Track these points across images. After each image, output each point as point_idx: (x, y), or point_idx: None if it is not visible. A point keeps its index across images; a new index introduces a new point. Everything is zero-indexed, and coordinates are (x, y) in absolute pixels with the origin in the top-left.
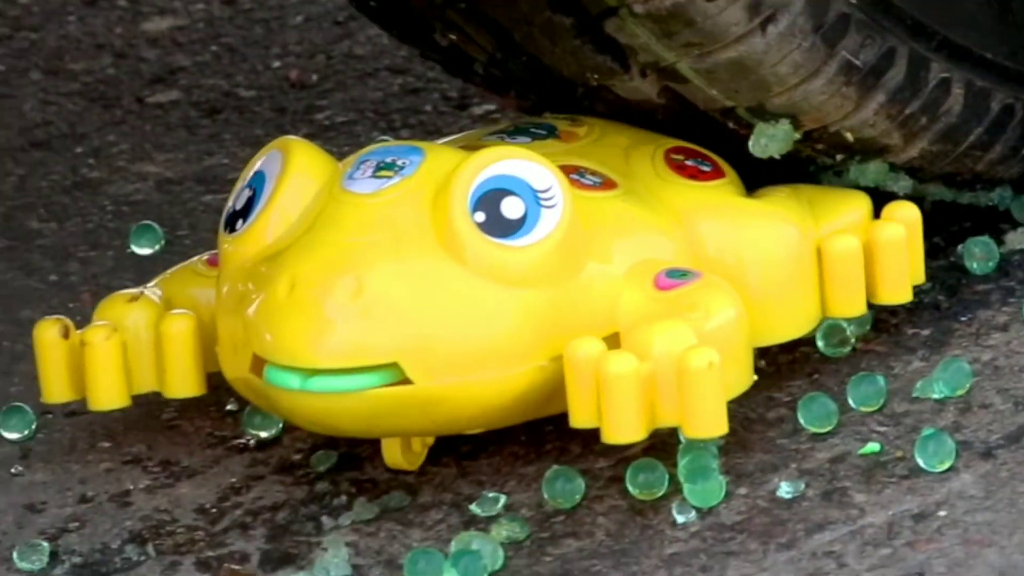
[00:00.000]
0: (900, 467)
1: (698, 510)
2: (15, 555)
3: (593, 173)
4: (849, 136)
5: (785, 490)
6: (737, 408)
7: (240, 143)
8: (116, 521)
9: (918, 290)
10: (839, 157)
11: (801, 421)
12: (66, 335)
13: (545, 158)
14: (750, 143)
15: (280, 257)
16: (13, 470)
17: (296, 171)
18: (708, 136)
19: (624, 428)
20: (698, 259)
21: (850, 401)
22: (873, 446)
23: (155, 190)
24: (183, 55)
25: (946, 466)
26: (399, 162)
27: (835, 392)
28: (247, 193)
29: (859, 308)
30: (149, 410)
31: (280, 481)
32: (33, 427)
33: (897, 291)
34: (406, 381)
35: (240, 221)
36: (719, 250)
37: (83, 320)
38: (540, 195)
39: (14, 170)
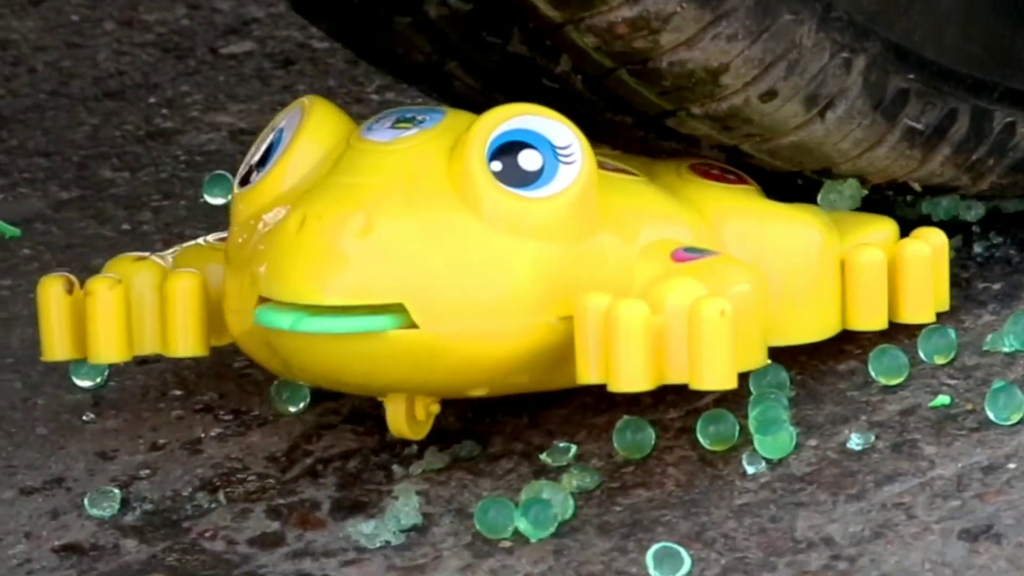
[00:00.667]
0: (970, 420)
1: (768, 461)
2: (86, 502)
3: (615, 165)
4: (916, 186)
5: (855, 442)
6: (808, 360)
7: (313, 94)
8: (187, 469)
9: (989, 244)
10: (909, 198)
11: (872, 373)
12: (70, 291)
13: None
14: (819, 197)
15: (294, 200)
16: (85, 417)
17: (313, 125)
18: (776, 185)
19: (632, 377)
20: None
21: (921, 354)
22: (943, 399)
23: (228, 140)
24: (257, 6)
25: (1016, 419)
26: (419, 117)
27: (906, 345)
28: (264, 149)
29: (880, 322)
30: (220, 359)
31: (351, 430)
32: (105, 375)
33: (920, 310)
34: (409, 328)
35: (255, 174)
36: (742, 248)
37: None
38: (559, 151)
39: (88, 120)
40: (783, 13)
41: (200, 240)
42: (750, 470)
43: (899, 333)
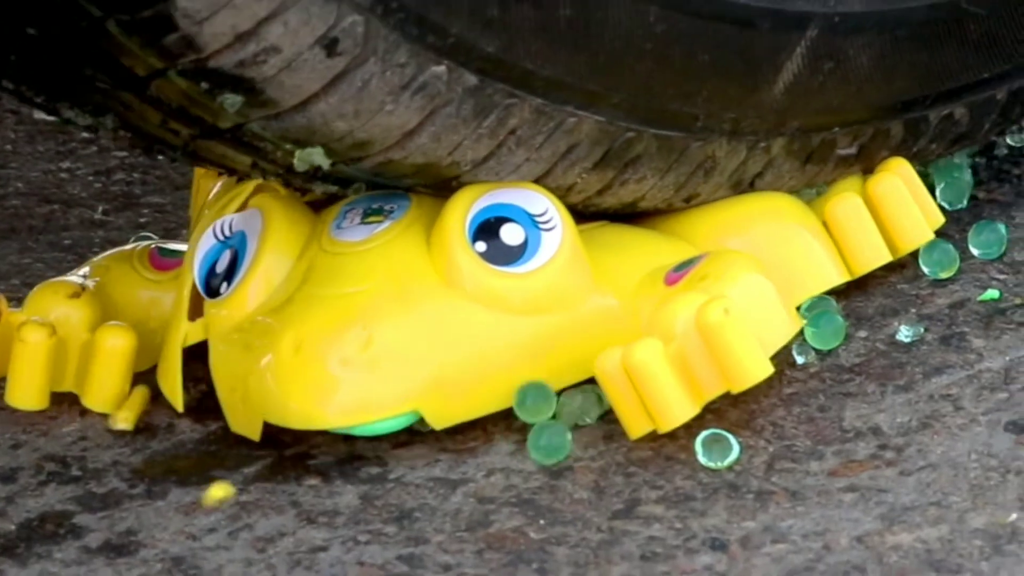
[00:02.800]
0: (1018, 314)
1: (817, 351)
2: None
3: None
4: None
5: (904, 334)
6: None
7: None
8: None
9: None
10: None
11: (922, 267)
12: None
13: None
14: None
15: (279, 316)
16: None
17: (278, 230)
18: None
19: (675, 412)
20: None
21: (971, 248)
22: (992, 293)
23: None
24: None
25: None
26: (387, 207)
27: (956, 239)
28: (228, 255)
29: (882, 257)
30: None
31: None
32: None
33: (917, 234)
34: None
35: (224, 285)
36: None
37: None
38: (537, 219)
39: None
40: (690, 144)
41: (125, 254)
42: (799, 360)
43: (950, 227)
